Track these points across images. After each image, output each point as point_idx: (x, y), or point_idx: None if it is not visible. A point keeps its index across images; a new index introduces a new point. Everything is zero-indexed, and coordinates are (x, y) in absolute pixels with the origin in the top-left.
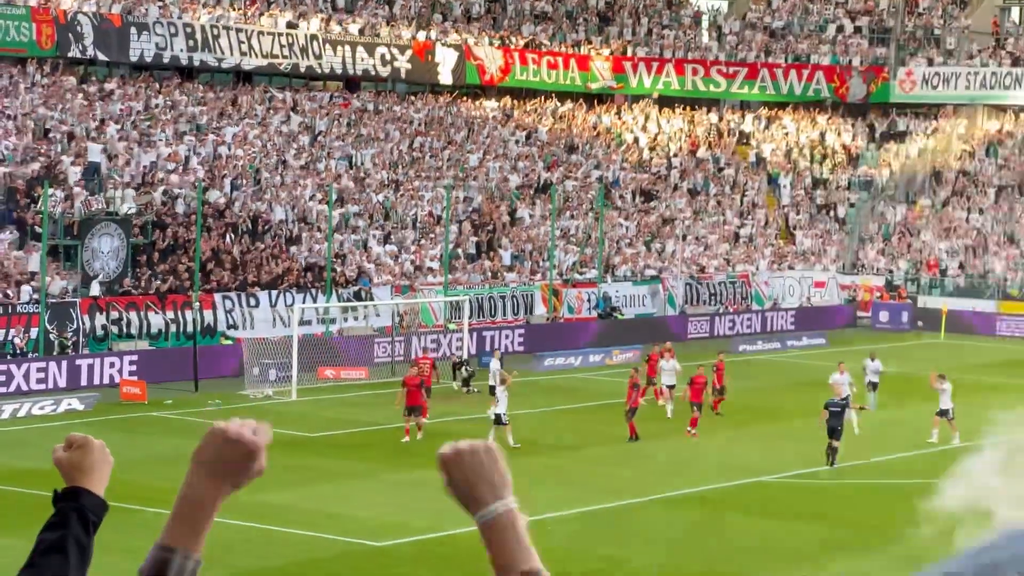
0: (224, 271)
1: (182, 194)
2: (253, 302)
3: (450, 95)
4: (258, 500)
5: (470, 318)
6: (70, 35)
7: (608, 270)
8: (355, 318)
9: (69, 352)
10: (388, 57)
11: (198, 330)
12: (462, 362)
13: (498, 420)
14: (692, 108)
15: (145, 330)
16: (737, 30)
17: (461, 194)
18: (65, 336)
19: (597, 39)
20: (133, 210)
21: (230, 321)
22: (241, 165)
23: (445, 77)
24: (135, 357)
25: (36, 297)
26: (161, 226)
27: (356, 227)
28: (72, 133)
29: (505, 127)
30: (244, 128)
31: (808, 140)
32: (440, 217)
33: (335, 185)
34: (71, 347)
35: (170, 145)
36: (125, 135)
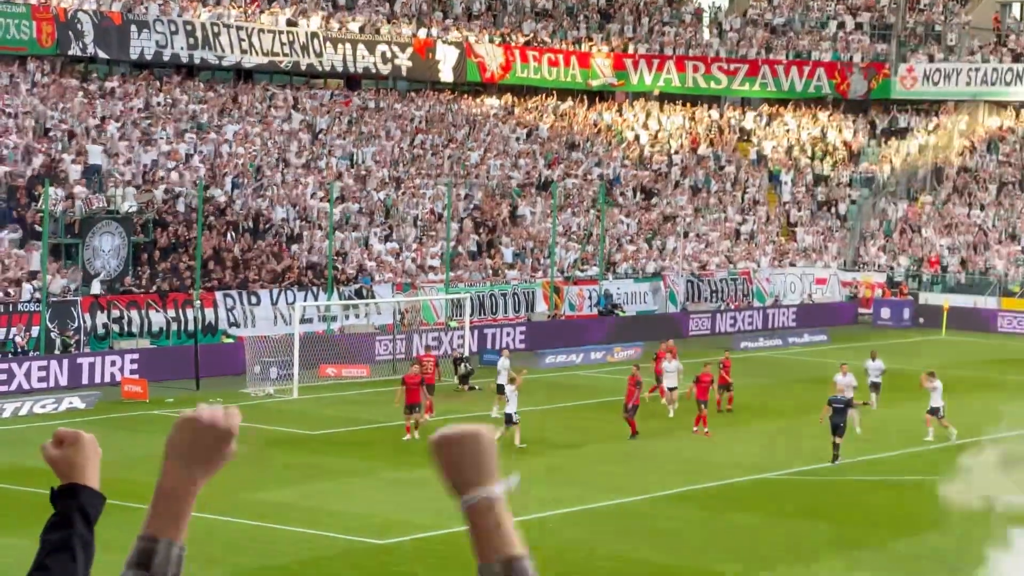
0: (225, 269)
1: (183, 192)
2: (254, 300)
3: (451, 92)
4: (260, 499)
5: (471, 316)
6: (70, 33)
7: (609, 267)
8: (356, 316)
9: (72, 351)
10: (389, 55)
11: (199, 328)
12: (462, 359)
13: (508, 419)
14: (693, 105)
15: (146, 328)
16: (738, 27)
17: (462, 192)
18: (68, 335)
19: (598, 36)
20: (134, 208)
21: (231, 319)
22: (242, 163)
23: (446, 75)
24: (136, 355)
25: (37, 296)
26: (162, 224)
27: (357, 225)
28: (73, 132)
29: (506, 124)
30: (245, 126)
31: (809, 137)
32: (441, 215)
33: (336, 183)
34: (74, 346)
35: (171, 143)
36: (126, 133)
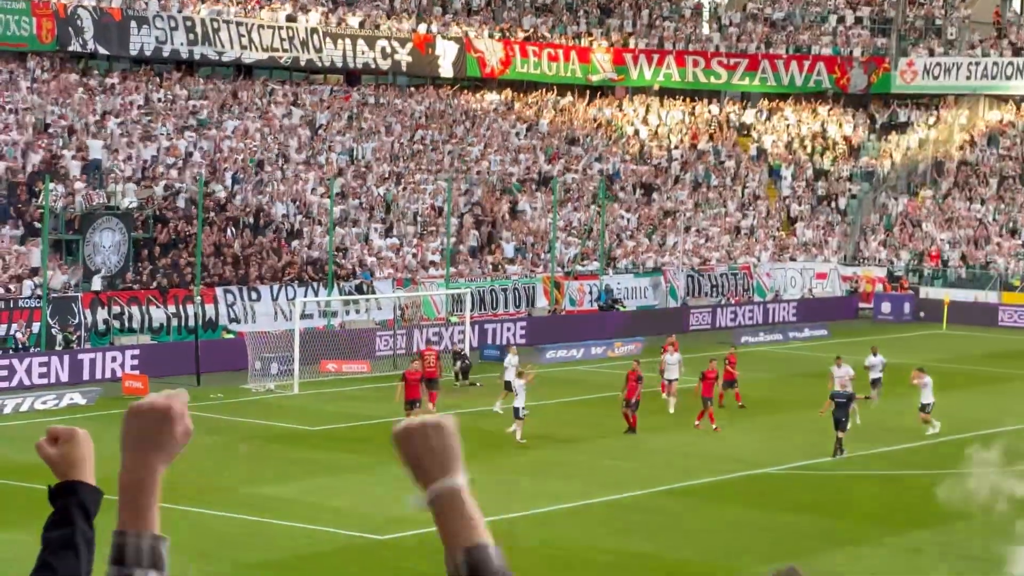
0: (226, 265)
1: (183, 188)
2: (255, 296)
3: (451, 88)
4: (260, 494)
5: (472, 311)
6: (70, 29)
7: (610, 262)
8: (357, 311)
9: (74, 347)
10: (388, 50)
11: (200, 324)
12: (461, 354)
13: (515, 413)
14: (693, 100)
15: (147, 324)
16: (738, 21)
17: (463, 187)
18: (69, 331)
19: (598, 31)
20: (134, 204)
21: (232, 315)
22: (242, 159)
23: (446, 70)
24: (137, 351)
25: (38, 292)
26: (162, 220)
27: (357, 220)
28: (73, 128)
29: (506, 120)
30: (245, 122)
31: (809, 131)
32: (441, 210)
33: (337, 179)
34: (75, 342)
35: (171, 139)
36: (126, 129)
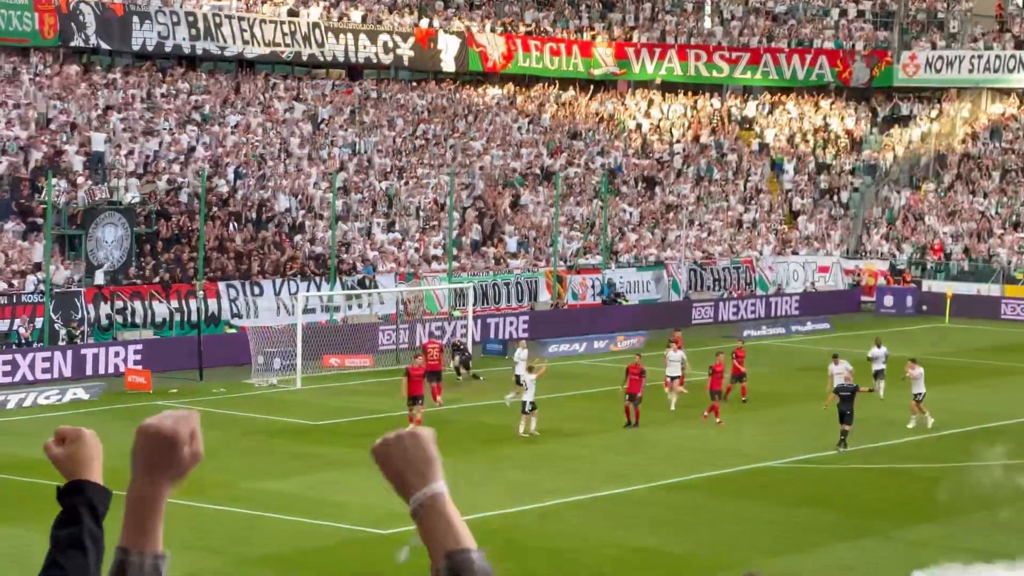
0: (228, 260)
1: (186, 183)
2: (257, 291)
3: (453, 82)
4: (262, 488)
5: (474, 305)
6: (72, 24)
7: (612, 256)
8: (359, 306)
9: (77, 342)
10: (390, 45)
11: (202, 319)
12: (460, 346)
13: (524, 407)
14: (695, 94)
15: (150, 319)
16: (740, 15)
17: (465, 180)
18: (73, 326)
19: (600, 25)
20: (137, 199)
21: (234, 310)
22: (244, 154)
23: (448, 64)
24: (140, 346)
25: (41, 287)
26: (165, 215)
27: (360, 215)
28: (75, 123)
29: (508, 114)
30: (247, 117)
31: (811, 125)
32: (444, 204)
33: (339, 173)
34: (79, 337)
35: (173, 134)
36: (128, 124)
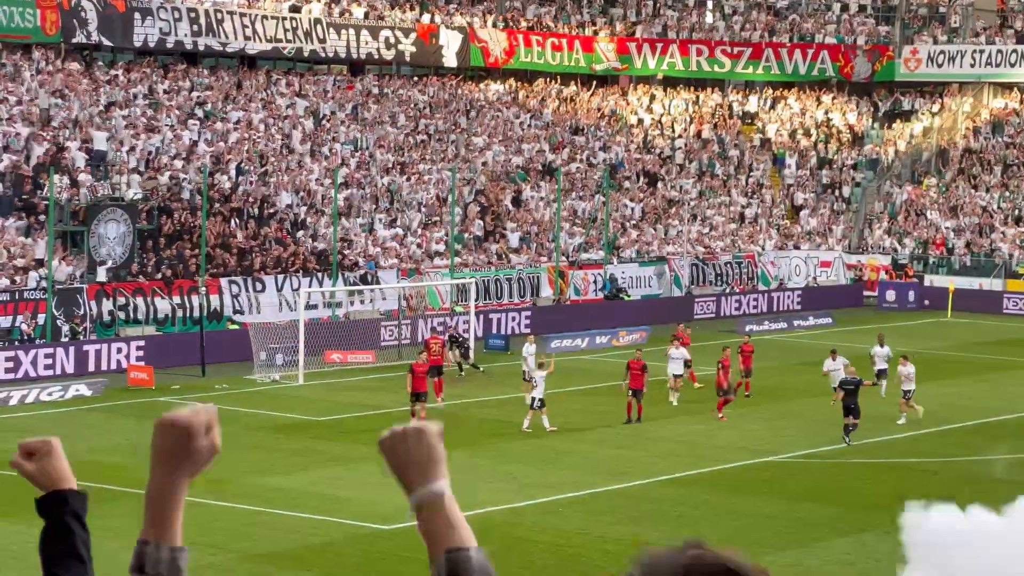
0: (230, 256)
1: (188, 179)
2: (259, 287)
3: (455, 78)
4: (266, 484)
5: (476, 300)
6: (74, 21)
7: (614, 252)
8: (361, 302)
9: (79, 338)
10: (392, 40)
11: (205, 315)
12: (458, 339)
13: (533, 403)
14: (697, 89)
15: (152, 315)
16: (741, 10)
17: (467, 176)
18: (75, 322)
19: (601, 20)
20: (139, 196)
21: (236, 306)
22: (246, 150)
23: (449, 60)
24: (142, 342)
25: (43, 284)
26: (167, 211)
27: (362, 210)
28: (77, 119)
29: (510, 109)
30: (249, 113)
31: (813, 120)
32: (446, 200)
33: (341, 169)
34: (82, 333)
35: (175, 130)
36: (130, 121)
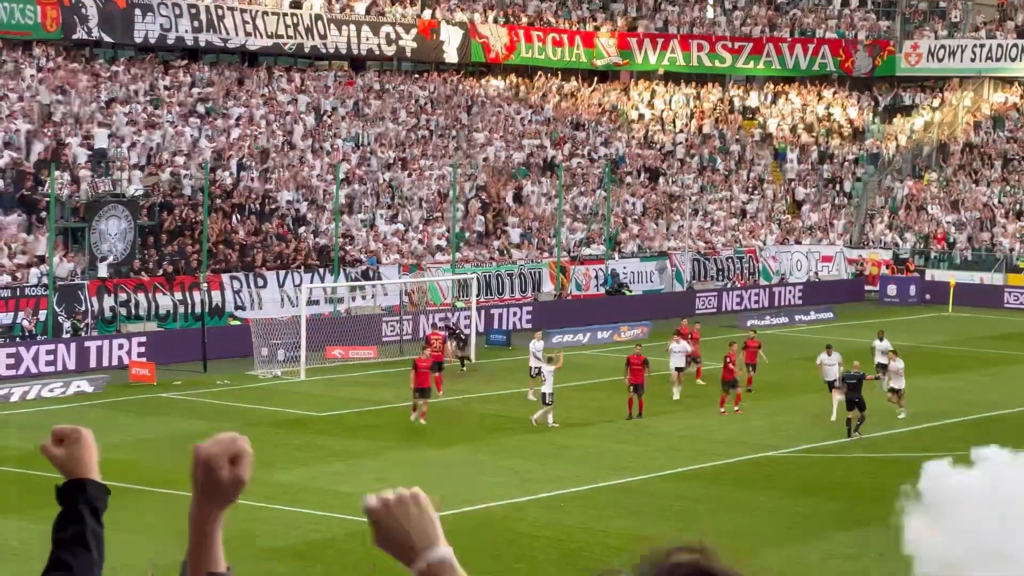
0: (232, 251)
1: (189, 175)
2: (261, 282)
3: (456, 73)
4: (267, 480)
5: (478, 296)
6: (75, 17)
7: (615, 247)
8: (363, 297)
9: (81, 334)
10: (393, 36)
11: (206, 311)
12: (454, 330)
13: (543, 399)
14: (698, 84)
15: (153, 312)
16: (742, 5)
17: (468, 171)
18: (77, 319)
19: (602, 15)
20: (140, 192)
21: (238, 302)
22: (248, 146)
23: (450, 55)
24: (144, 339)
25: (44, 280)
26: (168, 208)
27: (363, 205)
28: (78, 116)
29: (511, 105)
30: (250, 109)
31: (814, 115)
32: (447, 196)
33: (342, 165)
34: (83, 329)
35: (176, 126)
36: (131, 117)
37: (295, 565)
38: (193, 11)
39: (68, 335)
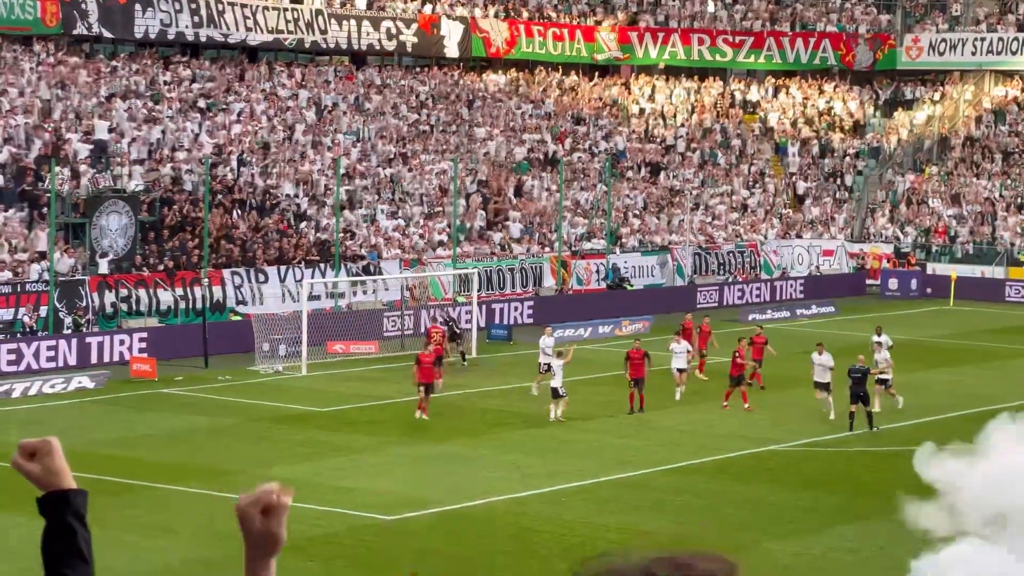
0: (233, 247)
1: (190, 170)
2: (262, 278)
3: (456, 68)
4: (269, 475)
5: (479, 291)
6: (75, 13)
7: (617, 241)
8: (364, 292)
9: (82, 330)
10: (394, 31)
11: (207, 306)
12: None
13: (555, 393)
14: (699, 78)
15: (154, 307)
16: None
17: (469, 166)
18: (79, 314)
19: (602, 10)
20: (141, 187)
21: (239, 297)
22: (248, 141)
23: (451, 50)
24: (145, 334)
25: (45, 276)
26: (169, 203)
27: (364, 200)
28: (79, 111)
29: (512, 100)
30: (251, 104)
31: (815, 109)
32: (448, 190)
33: (343, 160)
34: (84, 325)
35: (176, 122)
36: (132, 112)
37: (296, 560)
38: (193, 6)
39: (69, 331)
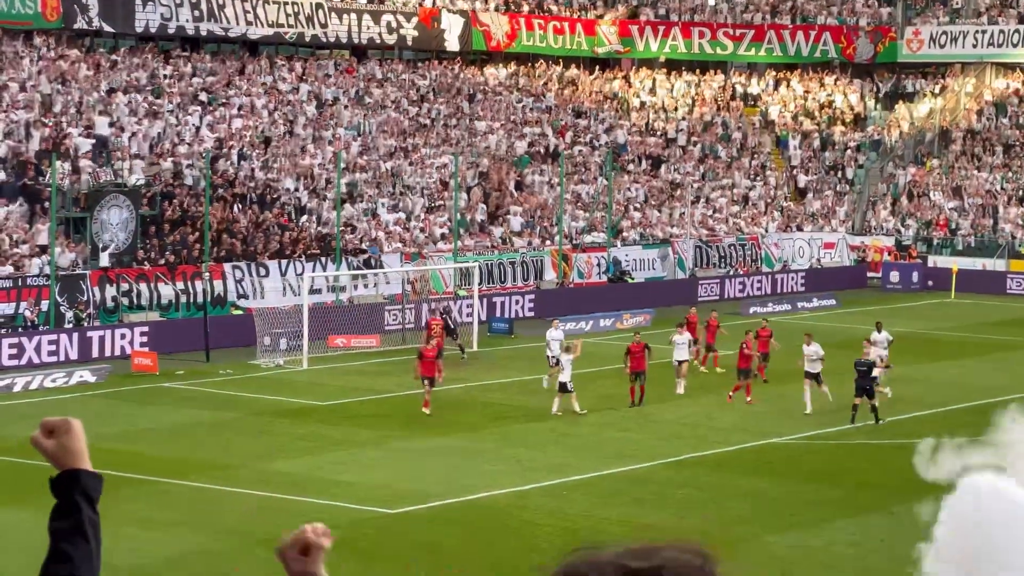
0: (234, 241)
1: (191, 164)
2: (263, 271)
3: (457, 62)
4: (271, 469)
5: (480, 284)
6: (75, 7)
7: (618, 234)
8: (365, 286)
9: (84, 324)
10: (394, 24)
11: (208, 300)
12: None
13: (563, 388)
14: (700, 71)
15: (155, 301)
16: None
17: (470, 160)
18: (80, 308)
19: (603, 3)
20: (142, 181)
21: (240, 291)
22: (249, 135)
23: (452, 44)
24: (146, 328)
25: (46, 270)
26: (170, 197)
27: (365, 194)
28: (79, 105)
29: (512, 93)
30: (252, 98)
31: (816, 101)
32: (449, 184)
33: (343, 154)
34: (85, 319)
35: (177, 116)
36: (132, 106)
37: None
38: (194, 0)
39: (70, 325)
